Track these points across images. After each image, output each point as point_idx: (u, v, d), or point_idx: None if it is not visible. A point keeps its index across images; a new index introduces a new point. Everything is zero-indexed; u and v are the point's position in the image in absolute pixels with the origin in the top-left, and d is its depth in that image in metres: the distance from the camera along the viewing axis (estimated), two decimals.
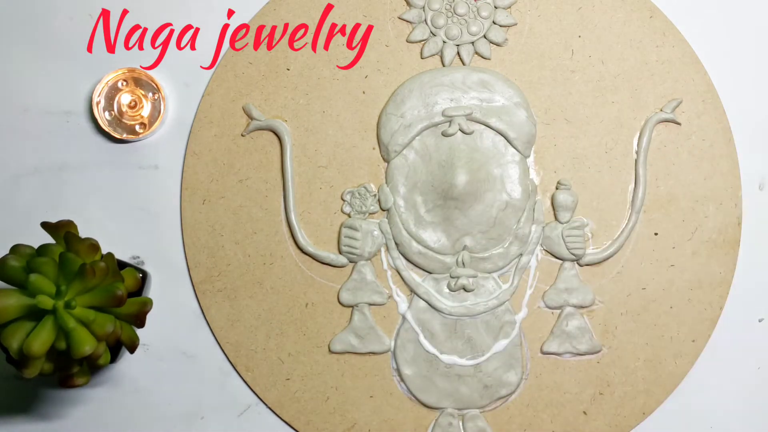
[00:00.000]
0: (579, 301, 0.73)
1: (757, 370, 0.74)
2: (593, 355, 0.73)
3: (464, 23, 0.74)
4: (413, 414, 0.73)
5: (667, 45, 0.74)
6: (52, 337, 0.61)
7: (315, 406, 0.73)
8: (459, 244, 0.73)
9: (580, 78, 0.74)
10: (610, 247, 0.73)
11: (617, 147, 0.73)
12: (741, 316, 0.74)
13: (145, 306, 0.65)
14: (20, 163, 0.75)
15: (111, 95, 0.74)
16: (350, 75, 0.74)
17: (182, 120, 0.74)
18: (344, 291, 0.73)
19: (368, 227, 0.73)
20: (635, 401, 0.73)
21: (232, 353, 0.73)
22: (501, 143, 0.73)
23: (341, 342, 0.73)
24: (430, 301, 0.73)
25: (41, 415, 0.74)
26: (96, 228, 0.74)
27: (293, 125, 0.74)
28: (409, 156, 0.73)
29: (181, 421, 0.74)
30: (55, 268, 0.62)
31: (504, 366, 0.73)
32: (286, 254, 0.73)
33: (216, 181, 0.74)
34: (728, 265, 0.73)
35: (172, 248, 0.74)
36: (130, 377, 0.74)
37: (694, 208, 0.73)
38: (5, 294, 0.60)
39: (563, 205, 0.73)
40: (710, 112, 0.73)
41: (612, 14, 0.74)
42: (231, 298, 0.73)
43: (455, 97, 0.73)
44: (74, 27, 0.75)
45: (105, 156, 0.75)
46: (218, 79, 0.74)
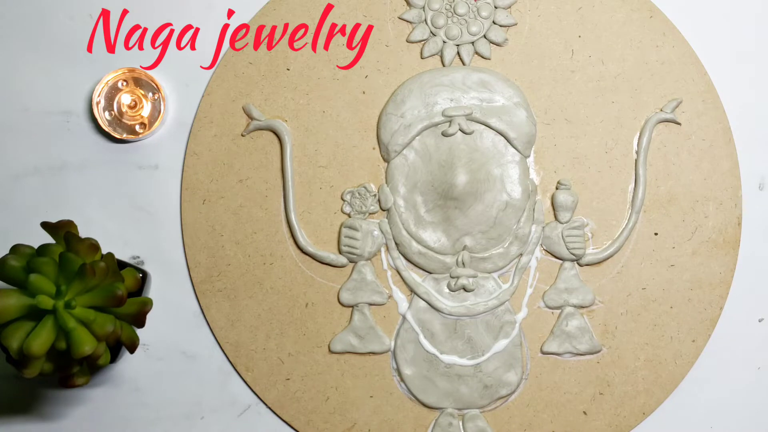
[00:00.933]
0: (579, 301, 0.73)
1: (757, 370, 0.74)
2: (593, 355, 0.73)
3: (464, 23, 0.74)
4: (413, 414, 0.73)
5: (667, 45, 0.74)
6: (52, 337, 0.61)
7: (315, 406, 0.73)
8: (459, 244, 0.73)
9: (580, 78, 0.74)
10: (610, 247, 0.73)
11: (617, 147, 0.73)
12: (741, 316, 0.74)
13: (145, 306, 0.65)
14: (20, 163, 0.74)
15: (111, 95, 0.74)
16: (350, 75, 0.74)
17: (182, 120, 0.74)
18: (344, 291, 0.73)
19: (368, 227, 0.73)
20: (635, 401, 0.73)
21: (232, 353, 0.73)
22: (501, 143, 0.73)
23: (341, 342, 0.73)
24: (430, 301, 0.73)
25: (41, 415, 0.74)
26: (96, 228, 0.74)
27: (293, 125, 0.74)
28: (409, 156, 0.73)
29: (181, 421, 0.74)
30: (55, 268, 0.62)
31: (504, 366, 0.73)
32: (286, 254, 0.73)
33: (216, 181, 0.74)
34: (728, 265, 0.73)
35: (172, 248, 0.74)
36: (130, 377, 0.74)
37: (694, 208, 0.73)
38: (5, 294, 0.60)
39: (563, 205, 0.73)
40: (710, 112, 0.73)
41: (612, 14, 0.74)
42: (231, 298, 0.73)
43: (455, 97, 0.73)
44: (74, 27, 0.75)
45: (105, 156, 0.75)
46: (218, 79, 0.74)
